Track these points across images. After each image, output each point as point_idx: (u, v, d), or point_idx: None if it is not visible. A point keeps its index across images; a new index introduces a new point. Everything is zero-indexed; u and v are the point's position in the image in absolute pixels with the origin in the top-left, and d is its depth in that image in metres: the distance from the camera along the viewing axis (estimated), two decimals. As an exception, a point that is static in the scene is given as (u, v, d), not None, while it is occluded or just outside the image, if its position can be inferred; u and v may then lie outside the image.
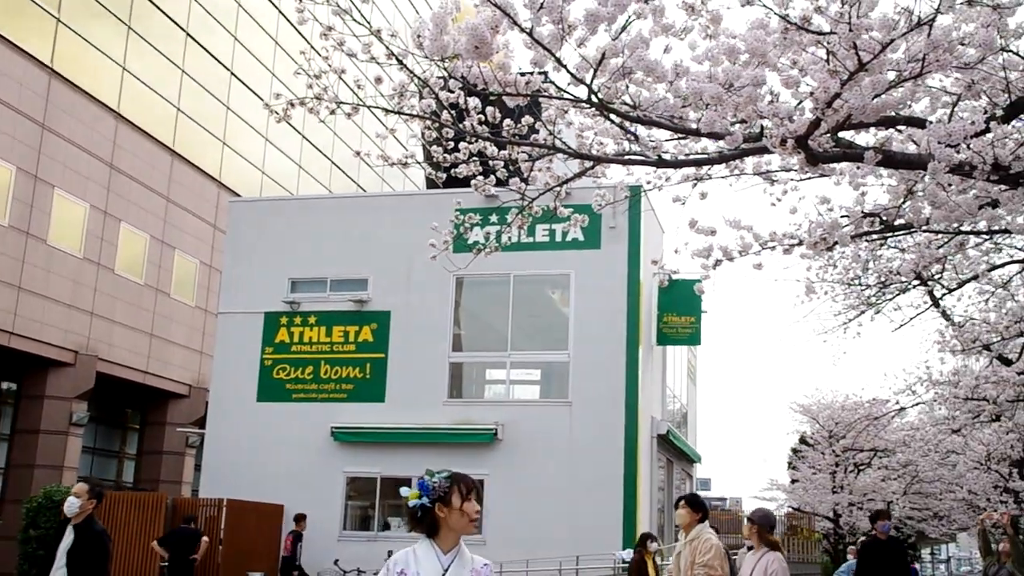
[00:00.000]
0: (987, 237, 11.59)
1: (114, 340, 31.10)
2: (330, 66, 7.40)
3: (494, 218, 20.18)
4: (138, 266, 32.39)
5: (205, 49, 35.89)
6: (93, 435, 32.46)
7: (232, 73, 37.48)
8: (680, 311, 24.04)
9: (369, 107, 7.50)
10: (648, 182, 8.34)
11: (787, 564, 8.82)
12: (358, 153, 8.76)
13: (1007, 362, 15.93)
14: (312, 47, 7.71)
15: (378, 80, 7.49)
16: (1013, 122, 6.79)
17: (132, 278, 32.08)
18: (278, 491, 22.76)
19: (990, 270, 14.44)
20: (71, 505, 8.50)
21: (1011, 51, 6.50)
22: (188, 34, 34.92)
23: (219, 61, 36.76)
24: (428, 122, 7.84)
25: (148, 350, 32.83)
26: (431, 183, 21.46)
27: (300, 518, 21.14)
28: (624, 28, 5.93)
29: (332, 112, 7.53)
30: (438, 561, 4.54)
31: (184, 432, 33.42)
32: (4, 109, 26.90)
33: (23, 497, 24.66)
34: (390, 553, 4.73)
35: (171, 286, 34.03)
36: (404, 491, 4.67)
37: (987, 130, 6.39)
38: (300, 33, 36.25)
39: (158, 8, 33.28)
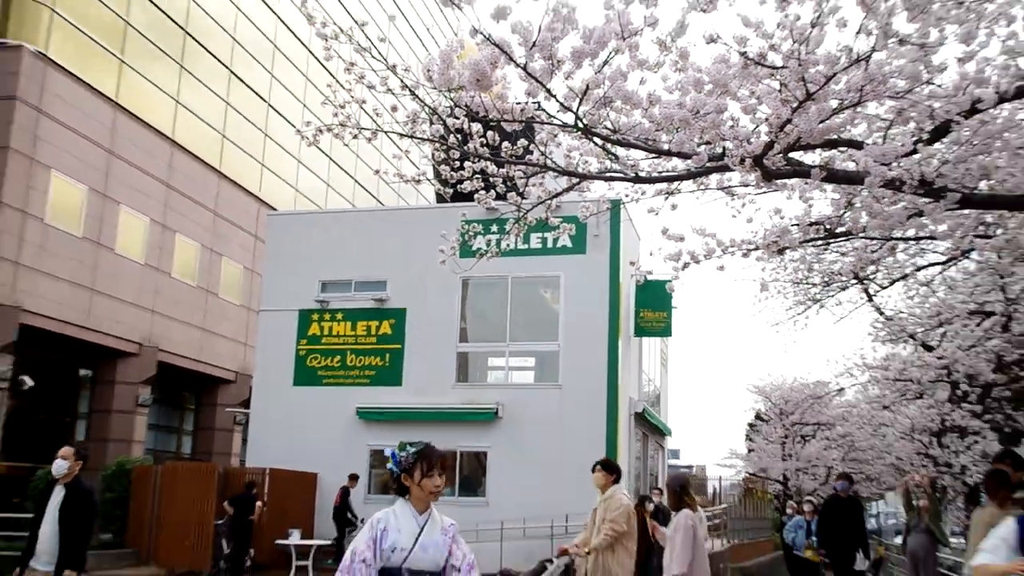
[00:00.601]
0: (914, 242, 11.53)
1: (172, 334, 31.10)
2: (352, 97, 7.32)
3: (494, 228, 19.94)
4: (191, 271, 32.39)
5: (246, 84, 35.89)
6: (156, 414, 32.50)
7: (269, 104, 37.46)
8: (654, 307, 23.98)
9: (386, 132, 7.42)
10: (626, 196, 8.27)
11: (693, 521, 8.45)
12: (377, 172, 8.69)
13: (929, 348, 15.91)
14: (337, 80, 7.62)
15: (394, 108, 7.41)
16: (937, 144, 6.75)
17: (186, 281, 32.08)
18: (312, 461, 22.72)
19: (916, 270, 14.41)
20: (59, 467, 8.06)
21: (935, 83, 6.46)
22: (232, 72, 34.91)
23: (258, 94, 36.74)
24: (437, 145, 7.78)
25: (200, 342, 32.83)
26: (440, 197, 21.33)
27: (352, 477, 21.36)
28: (605, 63, 5.88)
29: (355, 136, 7.45)
30: (414, 521, 4.54)
31: (232, 412, 33.43)
32: (77, 138, 26.92)
33: (99, 467, 24.86)
34: None
35: (219, 288, 34.03)
36: (388, 452, 4.74)
37: (915, 151, 6.35)
38: (327, 69, 36.15)
39: (206, 50, 33.27)
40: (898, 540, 21.29)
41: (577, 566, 8.14)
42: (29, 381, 21.94)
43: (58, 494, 8.07)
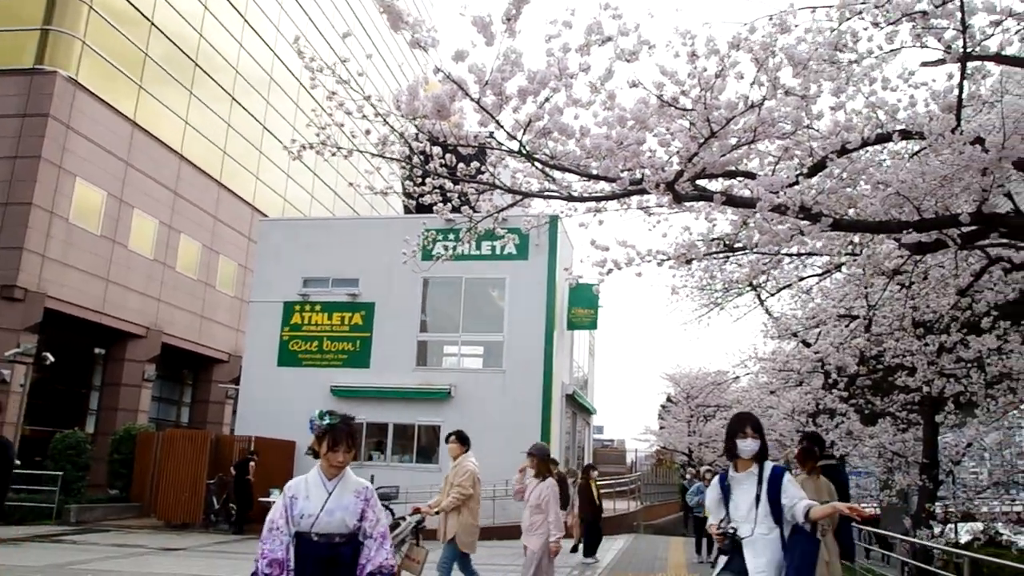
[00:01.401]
0: (797, 257, 11.74)
1: (175, 319, 30.54)
2: (333, 121, 7.27)
3: (451, 236, 20.03)
4: (193, 266, 31.83)
5: (245, 108, 35.37)
6: (159, 388, 31.87)
7: (264, 126, 36.96)
8: (583, 305, 24.12)
9: (361, 151, 7.39)
10: (562, 212, 8.31)
11: (558, 489, 8.49)
12: (352, 184, 8.64)
13: (807, 345, 16.18)
14: (321, 106, 7.57)
15: (367, 132, 7.38)
16: (814, 178, 6.89)
17: (188, 275, 31.52)
18: (292, 431, 22.37)
19: (799, 280, 14.66)
20: None
21: (813, 128, 6.60)
22: (233, 97, 34.38)
23: (254, 117, 36.23)
24: (403, 163, 7.76)
25: (199, 327, 32.27)
26: (406, 209, 21.33)
27: None
28: (546, 100, 5.92)
29: (333, 154, 7.39)
30: (323, 487, 4.19)
31: (224, 387, 32.96)
32: (98, 150, 26.38)
33: (109, 431, 24.60)
34: (372, 478, 4.51)
35: (217, 281, 33.47)
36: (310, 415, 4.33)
37: (797, 182, 6.47)
38: (313, 97, 35.76)
39: (212, 79, 32.77)
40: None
41: (428, 523, 7.93)
42: (51, 357, 21.43)
43: None
